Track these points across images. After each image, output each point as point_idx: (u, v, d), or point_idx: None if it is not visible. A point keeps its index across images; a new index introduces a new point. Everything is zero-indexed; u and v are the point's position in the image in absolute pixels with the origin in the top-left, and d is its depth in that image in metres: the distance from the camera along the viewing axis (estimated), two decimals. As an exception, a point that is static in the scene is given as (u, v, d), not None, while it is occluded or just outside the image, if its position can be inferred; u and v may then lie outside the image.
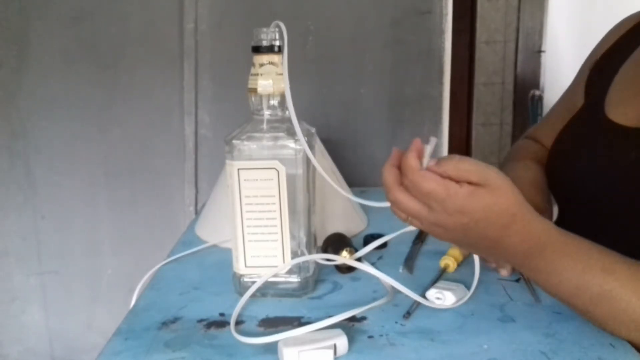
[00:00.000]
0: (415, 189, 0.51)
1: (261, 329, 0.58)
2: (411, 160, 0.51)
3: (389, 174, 0.53)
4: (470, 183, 0.50)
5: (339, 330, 0.53)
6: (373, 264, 0.71)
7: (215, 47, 1.22)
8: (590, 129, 0.76)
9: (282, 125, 0.62)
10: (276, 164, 0.60)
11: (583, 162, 0.74)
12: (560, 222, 0.72)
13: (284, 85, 0.60)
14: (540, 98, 3.49)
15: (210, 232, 0.85)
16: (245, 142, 0.61)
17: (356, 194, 0.95)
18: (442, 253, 0.72)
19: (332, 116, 1.19)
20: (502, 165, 0.88)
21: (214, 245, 0.82)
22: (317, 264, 0.69)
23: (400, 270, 0.72)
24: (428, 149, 0.51)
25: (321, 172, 0.62)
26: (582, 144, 0.76)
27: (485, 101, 3.80)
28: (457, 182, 0.50)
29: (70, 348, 1.36)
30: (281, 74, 0.61)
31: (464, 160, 0.51)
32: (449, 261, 0.70)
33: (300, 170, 0.61)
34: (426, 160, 0.51)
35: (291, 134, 0.61)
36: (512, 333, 0.56)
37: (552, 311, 0.60)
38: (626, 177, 0.67)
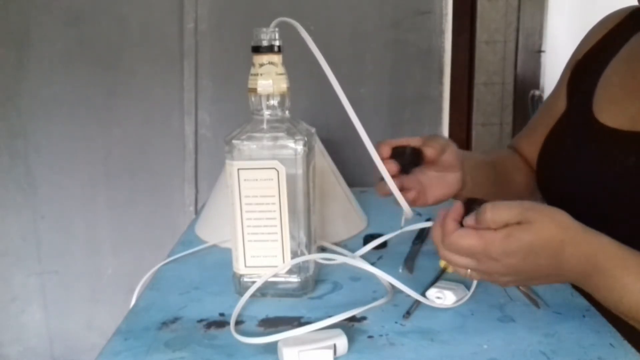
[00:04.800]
0: (456, 249, 0.53)
1: (261, 329, 0.58)
2: (448, 224, 0.54)
3: (436, 235, 0.56)
4: (507, 225, 0.51)
5: (338, 330, 0.53)
6: (373, 264, 0.71)
7: (215, 47, 1.22)
8: (580, 133, 0.73)
9: (282, 125, 0.62)
10: (276, 164, 0.60)
11: (576, 168, 0.72)
12: None
13: (330, 80, 0.61)
14: (540, 98, 3.50)
15: (210, 232, 0.85)
16: (245, 142, 0.61)
17: (356, 194, 0.95)
18: (442, 253, 0.72)
19: (332, 116, 1.19)
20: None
21: (214, 245, 0.82)
22: (317, 264, 0.69)
23: (400, 270, 0.72)
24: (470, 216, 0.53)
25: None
26: (573, 150, 0.74)
27: (485, 101, 3.80)
28: (494, 228, 0.51)
29: (70, 348, 1.37)
30: (281, 74, 0.61)
31: (497, 208, 0.51)
32: (449, 261, 0.70)
33: (300, 171, 0.61)
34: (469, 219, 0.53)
35: (291, 134, 0.60)
36: (512, 333, 0.56)
37: (552, 311, 0.60)
38: (626, 182, 0.65)
